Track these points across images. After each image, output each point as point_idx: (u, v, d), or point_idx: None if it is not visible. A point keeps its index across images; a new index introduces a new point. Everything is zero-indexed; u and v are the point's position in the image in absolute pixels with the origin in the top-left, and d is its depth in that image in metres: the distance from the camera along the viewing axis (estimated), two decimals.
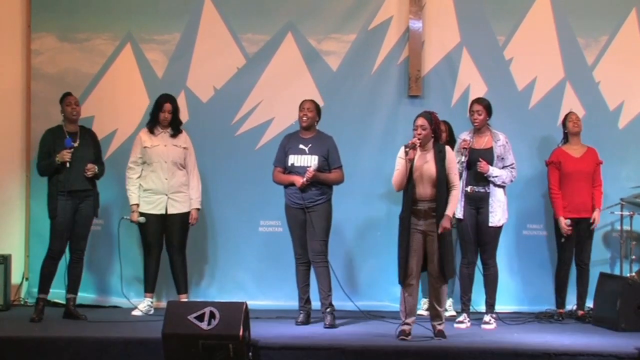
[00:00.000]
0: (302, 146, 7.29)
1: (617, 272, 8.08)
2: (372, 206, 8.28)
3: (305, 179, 7.14)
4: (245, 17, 8.43)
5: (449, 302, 7.72)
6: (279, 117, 8.33)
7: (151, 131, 7.71)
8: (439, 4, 8.36)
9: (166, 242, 7.74)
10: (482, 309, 7.47)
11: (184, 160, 7.72)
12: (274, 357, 6.11)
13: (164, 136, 7.71)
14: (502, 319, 7.47)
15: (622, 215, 7.94)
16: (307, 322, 7.26)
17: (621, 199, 7.96)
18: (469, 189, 7.29)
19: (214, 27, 8.42)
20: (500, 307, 7.59)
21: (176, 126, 7.75)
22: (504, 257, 7.90)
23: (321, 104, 7.74)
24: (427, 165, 6.58)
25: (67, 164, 7.24)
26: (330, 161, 7.29)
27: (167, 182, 7.65)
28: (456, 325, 7.18)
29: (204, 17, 8.44)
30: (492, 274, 7.35)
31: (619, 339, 6.64)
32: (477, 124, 7.34)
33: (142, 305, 7.70)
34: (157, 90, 8.06)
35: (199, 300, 7.61)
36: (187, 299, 7.71)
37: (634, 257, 7.99)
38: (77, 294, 7.54)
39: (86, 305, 7.94)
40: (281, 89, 8.37)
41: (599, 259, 8.19)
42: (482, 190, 7.29)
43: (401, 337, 6.51)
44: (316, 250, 7.21)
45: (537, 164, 8.13)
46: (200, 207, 7.80)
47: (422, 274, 6.76)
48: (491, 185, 7.28)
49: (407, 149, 6.53)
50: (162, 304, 7.75)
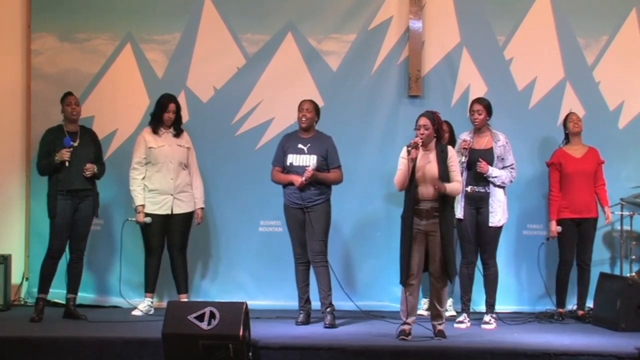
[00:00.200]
0: (301, 146, 7.29)
1: (617, 272, 8.08)
2: (372, 206, 8.27)
3: (304, 178, 7.14)
4: (245, 17, 8.43)
5: (449, 302, 7.71)
6: (279, 117, 8.33)
7: (155, 131, 7.70)
8: (439, 4, 8.35)
9: (168, 242, 7.74)
10: (482, 309, 7.47)
11: (187, 160, 7.74)
12: (274, 357, 6.11)
13: (167, 136, 7.71)
14: (502, 319, 7.46)
15: (622, 215, 7.94)
16: (307, 322, 7.26)
17: (621, 199, 7.96)
18: (469, 189, 7.29)
19: (214, 27, 8.42)
20: (500, 307, 7.58)
21: (178, 126, 7.75)
22: (504, 257, 7.90)
23: (321, 104, 7.75)
24: (429, 165, 6.57)
25: (66, 163, 7.23)
26: (329, 161, 7.29)
27: (173, 182, 7.64)
28: (456, 325, 7.18)
29: (204, 17, 8.43)
30: (492, 274, 7.35)
31: (619, 339, 6.64)
32: (477, 124, 7.33)
33: (142, 305, 7.69)
34: (157, 90, 8.06)
35: (199, 300, 7.62)
36: (187, 299, 7.72)
37: (634, 257, 7.98)
38: (77, 294, 7.54)
39: (86, 305, 7.94)
40: (281, 89, 8.37)
41: (599, 259, 8.19)
42: (482, 190, 7.29)
43: (401, 337, 6.50)
44: (315, 250, 7.20)
45: (537, 164, 8.13)
46: (204, 207, 7.82)
47: (423, 274, 6.76)
48: (491, 185, 7.28)
49: (410, 149, 6.52)
50: (162, 304, 7.75)
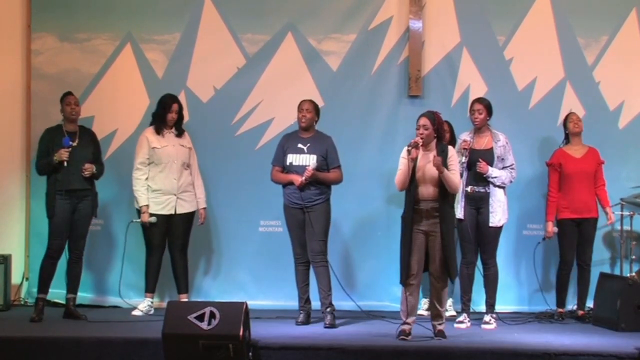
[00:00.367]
0: (300, 145, 7.29)
1: (617, 272, 8.08)
2: (372, 206, 8.27)
3: (304, 178, 7.14)
4: (245, 17, 8.42)
5: (449, 302, 7.72)
6: (279, 117, 8.33)
7: (158, 132, 7.70)
8: (439, 4, 8.35)
9: (169, 242, 7.73)
10: (482, 309, 7.47)
11: (189, 160, 7.75)
12: (274, 357, 6.11)
13: (170, 137, 7.70)
14: (502, 319, 7.46)
15: (622, 215, 7.94)
16: (307, 322, 7.26)
17: (621, 199, 7.96)
18: (469, 189, 7.29)
19: (214, 27, 8.41)
20: (500, 307, 7.58)
21: (180, 126, 7.76)
22: (504, 257, 7.90)
23: (321, 104, 7.75)
24: (429, 165, 6.56)
25: (65, 163, 7.23)
26: (328, 161, 7.29)
27: (177, 182, 7.64)
28: (456, 325, 7.17)
29: (204, 17, 8.43)
30: (492, 274, 7.35)
31: (619, 339, 6.64)
32: (477, 123, 7.33)
33: (142, 305, 7.69)
34: (157, 90, 8.06)
35: (199, 300, 7.62)
36: (187, 299, 7.72)
37: (634, 257, 7.98)
38: (77, 294, 7.54)
39: (86, 305, 7.94)
40: (281, 89, 8.36)
41: (599, 259, 8.19)
42: (482, 190, 7.28)
43: (401, 337, 6.50)
44: (315, 250, 7.20)
45: (537, 164, 8.13)
46: (206, 207, 7.82)
47: (423, 274, 6.76)
48: (491, 185, 7.27)
49: (410, 149, 6.52)
50: (163, 304, 7.74)
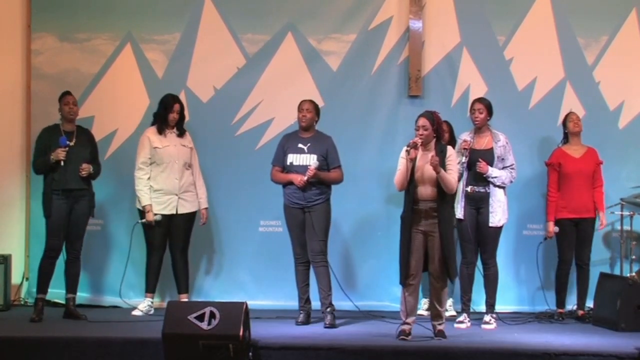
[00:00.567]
0: (301, 145, 7.29)
1: (617, 272, 8.08)
2: (372, 206, 8.27)
3: (306, 177, 7.13)
4: (245, 17, 8.42)
5: (449, 302, 7.72)
6: (279, 117, 8.33)
7: (160, 132, 7.69)
8: (439, 4, 8.35)
9: (170, 242, 7.73)
10: (482, 309, 7.47)
11: (190, 160, 7.75)
12: (274, 357, 6.11)
13: (172, 136, 7.70)
14: (502, 319, 7.46)
15: (622, 215, 7.94)
16: (307, 322, 7.26)
17: (621, 199, 7.96)
18: (469, 189, 7.28)
19: (214, 27, 8.41)
20: (500, 307, 7.58)
21: (181, 126, 7.76)
22: (504, 257, 7.90)
23: (321, 104, 7.75)
24: (428, 165, 6.54)
25: (62, 163, 7.23)
26: (329, 161, 7.29)
27: (178, 182, 7.65)
28: (456, 325, 7.17)
29: (204, 17, 8.43)
30: (492, 274, 7.34)
31: (619, 339, 6.64)
32: (477, 123, 7.33)
33: (143, 305, 7.69)
34: (157, 90, 8.06)
35: (200, 300, 7.62)
36: (187, 299, 7.71)
37: (634, 257, 7.98)
38: (77, 294, 7.53)
39: (86, 305, 7.94)
40: (281, 89, 8.36)
41: (599, 259, 8.20)
42: (482, 190, 7.28)
43: (401, 337, 6.50)
44: (315, 250, 7.20)
45: (537, 164, 8.13)
46: (208, 207, 7.82)
47: (423, 274, 6.76)
48: (491, 185, 7.27)
49: (409, 149, 6.52)
50: (163, 304, 7.74)
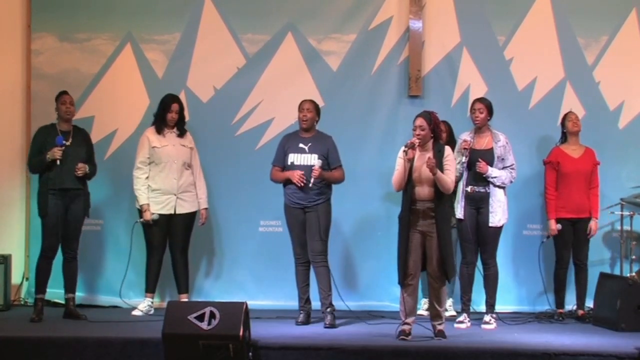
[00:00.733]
0: (302, 145, 7.29)
1: (617, 272, 8.08)
2: (372, 206, 8.27)
3: (312, 179, 7.12)
4: (245, 17, 8.43)
5: (449, 302, 7.72)
6: (279, 117, 8.33)
7: (159, 131, 7.70)
8: (439, 4, 8.35)
9: (170, 242, 7.73)
10: (482, 309, 7.47)
11: (190, 160, 7.74)
12: (274, 357, 6.11)
13: (171, 136, 7.70)
14: (502, 319, 7.46)
15: (622, 215, 7.94)
16: (307, 322, 7.26)
17: (621, 199, 7.96)
18: (469, 189, 7.28)
19: (214, 27, 8.42)
20: (500, 307, 7.58)
21: (182, 126, 7.76)
22: (504, 257, 7.90)
23: (321, 104, 7.75)
24: (426, 166, 6.55)
25: (58, 162, 7.23)
26: (330, 160, 7.29)
27: (177, 182, 7.64)
28: (456, 325, 7.17)
29: (204, 17, 8.43)
30: (492, 274, 7.34)
31: (619, 339, 6.64)
32: (478, 122, 7.32)
33: (143, 305, 7.69)
34: (157, 90, 8.06)
35: (200, 300, 7.62)
36: (187, 299, 7.71)
37: (634, 257, 7.98)
38: (76, 293, 7.53)
39: (86, 305, 7.94)
40: (281, 89, 8.37)
41: (599, 259, 8.20)
42: (482, 190, 7.28)
43: (401, 337, 6.50)
44: (316, 250, 7.20)
45: (537, 164, 8.12)
46: (208, 207, 7.81)
47: (422, 274, 6.76)
48: (491, 185, 7.27)
49: (406, 149, 6.52)
50: (163, 304, 7.74)
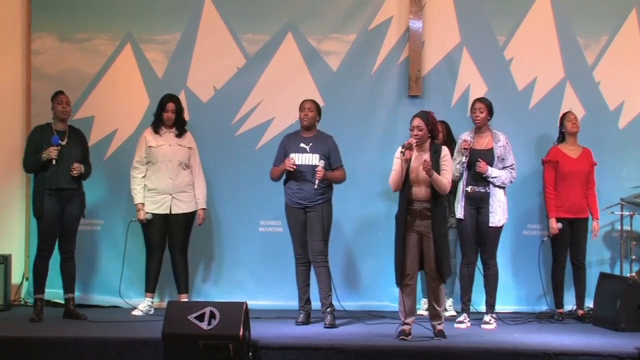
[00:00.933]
0: (303, 145, 7.29)
1: (617, 272, 8.08)
2: (372, 206, 8.27)
3: (317, 180, 7.11)
4: (245, 17, 8.43)
5: (449, 302, 7.72)
6: (279, 117, 8.33)
7: (156, 131, 7.71)
8: (439, 4, 8.36)
9: (169, 242, 7.73)
10: (483, 309, 7.46)
11: (189, 160, 7.73)
12: (274, 357, 6.11)
13: (169, 136, 7.71)
14: (502, 319, 7.46)
15: (622, 215, 7.94)
16: (307, 322, 7.26)
17: (621, 199, 7.96)
18: (469, 189, 7.28)
19: (214, 27, 8.42)
20: (500, 307, 7.58)
21: (181, 126, 7.75)
22: (504, 257, 7.90)
23: (321, 104, 7.74)
24: (422, 168, 6.51)
25: (54, 161, 7.22)
26: (331, 160, 7.29)
27: (172, 181, 7.64)
28: (456, 325, 7.17)
29: (204, 17, 8.44)
30: (493, 274, 7.34)
31: (619, 339, 6.64)
32: (478, 122, 7.32)
33: (142, 305, 7.69)
34: (157, 90, 8.07)
35: (200, 300, 7.62)
36: (187, 299, 7.71)
37: (634, 257, 7.98)
38: (75, 293, 7.52)
39: (86, 305, 7.95)
40: (281, 89, 8.37)
41: (599, 259, 8.21)
42: (482, 190, 7.28)
43: (401, 337, 6.50)
44: (317, 250, 7.20)
45: (537, 164, 8.11)
46: (206, 207, 7.80)
47: (422, 274, 6.76)
48: (491, 185, 7.27)
49: (404, 150, 6.50)
50: (163, 304, 7.74)
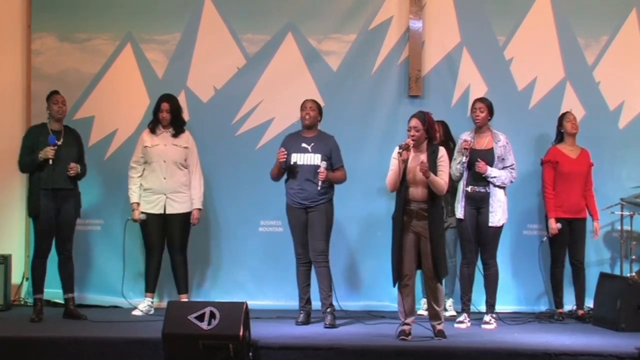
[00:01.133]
0: (305, 145, 7.29)
1: (617, 272, 8.08)
2: (372, 206, 8.26)
3: (320, 182, 7.11)
4: (245, 17, 8.43)
5: (449, 302, 7.73)
6: (279, 117, 8.33)
7: (153, 131, 7.72)
8: (439, 4, 8.36)
9: (167, 242, 7.73)
10: (483, 309, 7.46)
11: (185, 160, 7.72)
12: (274, 357, 6.11)
13: (165, 136, 7.71)
14: (502, 319, 7.46)
15: (622, 215, 7.94)
16: (307, 322, 7.26)
17: (621, 199, 7.96)
18: (469, 189, 7.28)
19: (214, 27, 8.42)
20: (500, 307, 7.58)
21: (178, 126, 7.74)
22: (504, 257, 7.89)
23: (321, 104, 7.74)
24: (419, 169, 6.50)
25: (50, 161, 7.22)
26: (333, 161, 7.29)
27: (166, 181, 7.64)
28: (456, 325, 7.17)
29: (204, 17, 8.44)
30: (493, 274, 7.34)
31: (619, 339, 6.64)
32: (478, 122, 7.32)
33: (143, 305, 7.69)
34: (157, 90, 8.06)
35: (200, 300, 7.62)
36: (187, 299, 7.71)
37: (634, 257, 7.98)
38: (74, 293, 7.52)
39: (86, 305, 7.95)
40: (281, 89, 8.37)
41: (599, 259, 8.22)
42: (482, 190, 7.28)
43: (401, 337, 6.50)
44: (318, 249, 7.20)
45: (537, 164, 8.12)
46: (201, 208, 7.77)
47: (421, 274, 6.75)
48: (491, 185, 7.27)
49: (401, 150, 6.49)
50: (163, 304, 7.74)
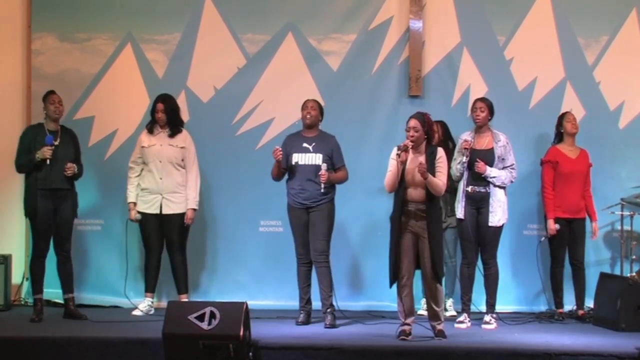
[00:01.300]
0: (306, 145, 7.29)
1: (617, 272, 8.08)
2: (373, 206, 8.26)
3: (322, 184, 7.11)
4: (245, 17, 8.43)
5: (449, 302, 7.73)
6: (279, 117, 8.33)
7: (150, 131, 7.73)
8: (439, 4, 8.36)
9: (166, 243, 7.73)
10: (483, 308, 7.46)
11: (182, 160, 7.71)
12: (274, 357, 6.11)
13: (162, 136, 7.70)
14: (502, 319, 7.46)
15: (622, 215, 7.94)
16: (307, 322, 7.26)
17: (621, 199, 7.96)
18: (469, 188, 7.28)
19: (214, 27, 8.42)
20: (500, 307, 7.58)
21: (174, 126, 7.73)
22: (504, 257, 7.89)
23: (322, 104, 7.75)
24: (417, 171, 6.49)
25: (47, 161, 7.22)
26: (334, 161, 7.29)
27: (162, 181, 7.63)
28: (456, 325, 7.17)
29: (204, 17, 8.44)
30: (493, 274, 7.34)
31: (619, 339, 6.64)
32: (478, 121, 7.32)
33: (143, 305, 7.69)
34: (158, 90, 8.06)
35: (200, 300, 7.62)
36: (187, 299, 7.71)
37: (634, 257, 7.98)
38: (74, 293, 7.52)
39: (86, 305, 7.95)
40: (281, 89, 8.37)
41: (599, 259, 8.21)
42: (482, 190, 7.28)
43: (401, 337, 6.50)
44: (319, 249, 7.19)
45: (538, 164, 8.12)
46: (196, 208, 7.73)
47: (418, 274, 6.75)
48: (492, 185, 7.27)
49: (400, 151, 6.48)
50: (163, 304, 7.74)
